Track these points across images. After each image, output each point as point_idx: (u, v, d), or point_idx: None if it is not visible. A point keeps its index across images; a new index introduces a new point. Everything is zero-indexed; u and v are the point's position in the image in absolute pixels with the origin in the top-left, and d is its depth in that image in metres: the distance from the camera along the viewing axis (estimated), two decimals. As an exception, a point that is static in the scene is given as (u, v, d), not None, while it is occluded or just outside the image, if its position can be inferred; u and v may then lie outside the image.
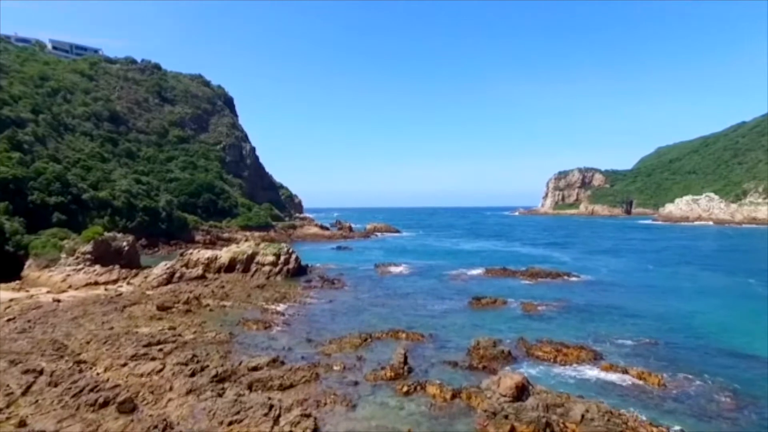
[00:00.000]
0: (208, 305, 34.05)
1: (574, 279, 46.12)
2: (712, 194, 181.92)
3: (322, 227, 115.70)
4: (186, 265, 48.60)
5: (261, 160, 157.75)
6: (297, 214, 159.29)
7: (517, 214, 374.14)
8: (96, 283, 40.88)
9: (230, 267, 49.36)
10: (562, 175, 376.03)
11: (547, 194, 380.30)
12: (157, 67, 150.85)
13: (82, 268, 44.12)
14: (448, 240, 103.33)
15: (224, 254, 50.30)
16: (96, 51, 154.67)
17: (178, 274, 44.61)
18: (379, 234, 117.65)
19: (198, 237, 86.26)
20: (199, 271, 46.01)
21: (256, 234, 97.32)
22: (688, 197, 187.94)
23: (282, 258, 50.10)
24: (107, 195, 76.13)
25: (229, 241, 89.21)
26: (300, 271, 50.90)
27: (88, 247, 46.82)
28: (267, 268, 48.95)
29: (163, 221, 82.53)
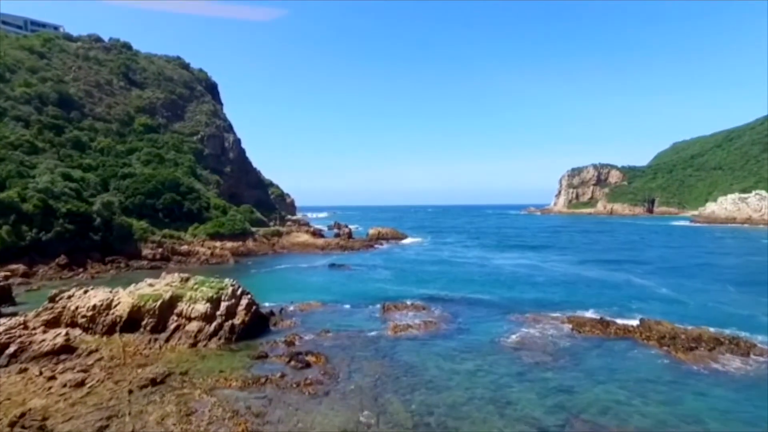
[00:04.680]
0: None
1: (762, 357, 24.65)
2: (763, 192, 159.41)
3: (314, 234, 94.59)
4: (53, 322, 27.70)
5: (252, 155, 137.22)
6: (289, 216, 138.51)
7: (527, 212, 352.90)
8: None
9: (133, 322, 28.37)
10: (576, 171, 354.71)
11: (560, 192, 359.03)
12: (127, 46, 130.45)
13: None
14: (471, 251, 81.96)
15: (124, 300, 29.24)
16: (56, 28, 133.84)
17: (15, 347, 23.67)
18: (384, 242, 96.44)
19: (146, 251, 65.31)
20: (59, 339, 24.94)
21: (229, 244, 76.56)
22: (734, 195, 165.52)
23: (223, 307, 29.00)
24: (13, 196, 55.41)
25: (187, 256, 68.50)
26: (256, 327, 29.86)
27: None
28: (194, 326, 27.89)
29: (97, 230, 61.70)
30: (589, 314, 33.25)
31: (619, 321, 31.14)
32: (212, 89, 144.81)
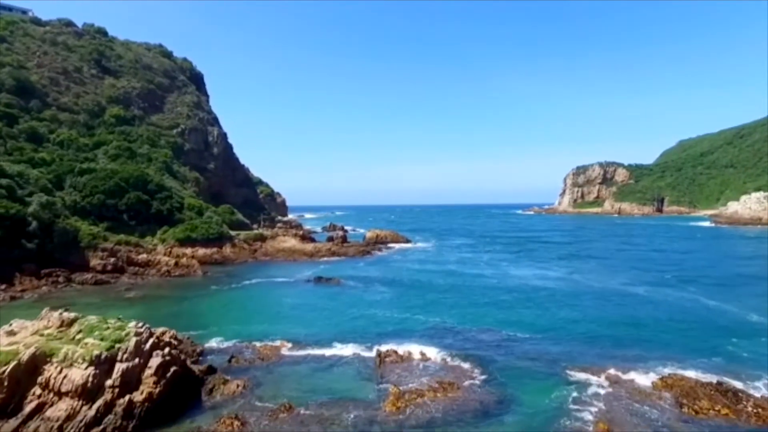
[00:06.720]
0: None
1: None
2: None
3: (303, 238, 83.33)
4: None
5: (244, 153, 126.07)
6: (279, 216, 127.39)
7: (532, 212, 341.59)
8: None
9: (-32, 399, 17.18)
10: (581, 170, 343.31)
11: (564, 191, 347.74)
12: (101, 32, 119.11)
13: None
14: (484, 259, 70.69)
15: (-41, 360, 18.00)
16: (24, 12, 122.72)
17: None
18: (383, 247, 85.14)
19: (95, 261, 54.09)
20: None
21: (201, 251, 65.53)
22: (759, 194, 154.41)
23: (117, 371, 17.78)
24: None
25: (146, 267, 57.24)
26: (177, 399, 18.68)
27: None
28: (63, 408, 16.71)
29: (32, 236, 50.55)
30: (689, 372, 22.07)
31: (750, 389, 19.96)
32: (197, 80, 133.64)
